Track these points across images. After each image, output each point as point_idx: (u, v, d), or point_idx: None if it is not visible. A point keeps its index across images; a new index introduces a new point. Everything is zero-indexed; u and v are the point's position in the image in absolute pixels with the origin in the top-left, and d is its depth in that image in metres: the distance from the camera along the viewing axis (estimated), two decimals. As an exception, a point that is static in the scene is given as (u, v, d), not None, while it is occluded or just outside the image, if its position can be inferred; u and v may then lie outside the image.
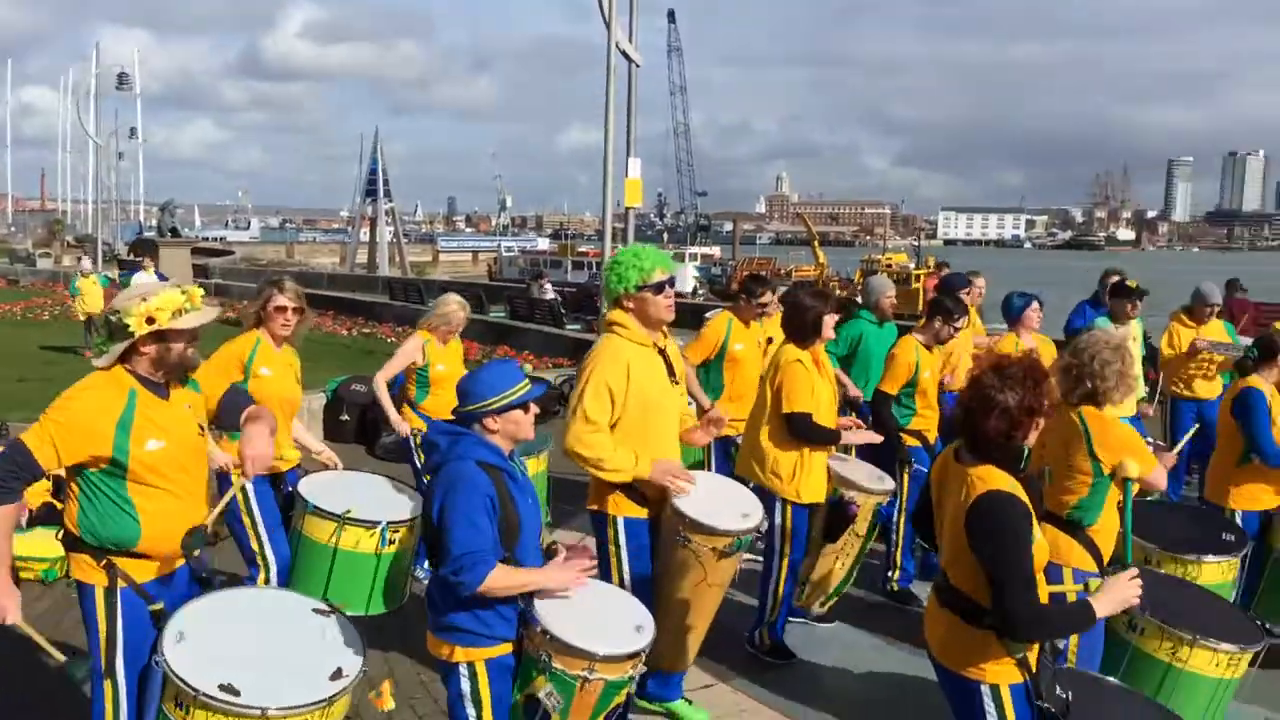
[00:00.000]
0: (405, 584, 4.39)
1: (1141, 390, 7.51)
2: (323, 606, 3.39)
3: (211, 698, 2.87)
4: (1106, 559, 4.02)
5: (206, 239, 78.23)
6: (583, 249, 60.87)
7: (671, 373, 4.30)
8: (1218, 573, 4.74)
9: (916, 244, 77.25)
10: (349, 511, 4.20)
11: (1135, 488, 4.01)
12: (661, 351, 4.27)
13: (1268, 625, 5.11)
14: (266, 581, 4.70)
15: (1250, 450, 5.26)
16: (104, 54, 55.40)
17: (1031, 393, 3.06)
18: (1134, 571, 3.16)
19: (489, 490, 3.19)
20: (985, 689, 3.09)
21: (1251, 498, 5.31)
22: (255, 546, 4.81)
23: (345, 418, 10.60)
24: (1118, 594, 3.10)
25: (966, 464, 3.11)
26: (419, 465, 6.29)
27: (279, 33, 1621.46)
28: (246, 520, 4.80)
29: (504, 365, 3.48)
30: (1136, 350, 7.23)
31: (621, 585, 4.11)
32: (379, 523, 4.18)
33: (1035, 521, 3.07)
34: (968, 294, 7.28)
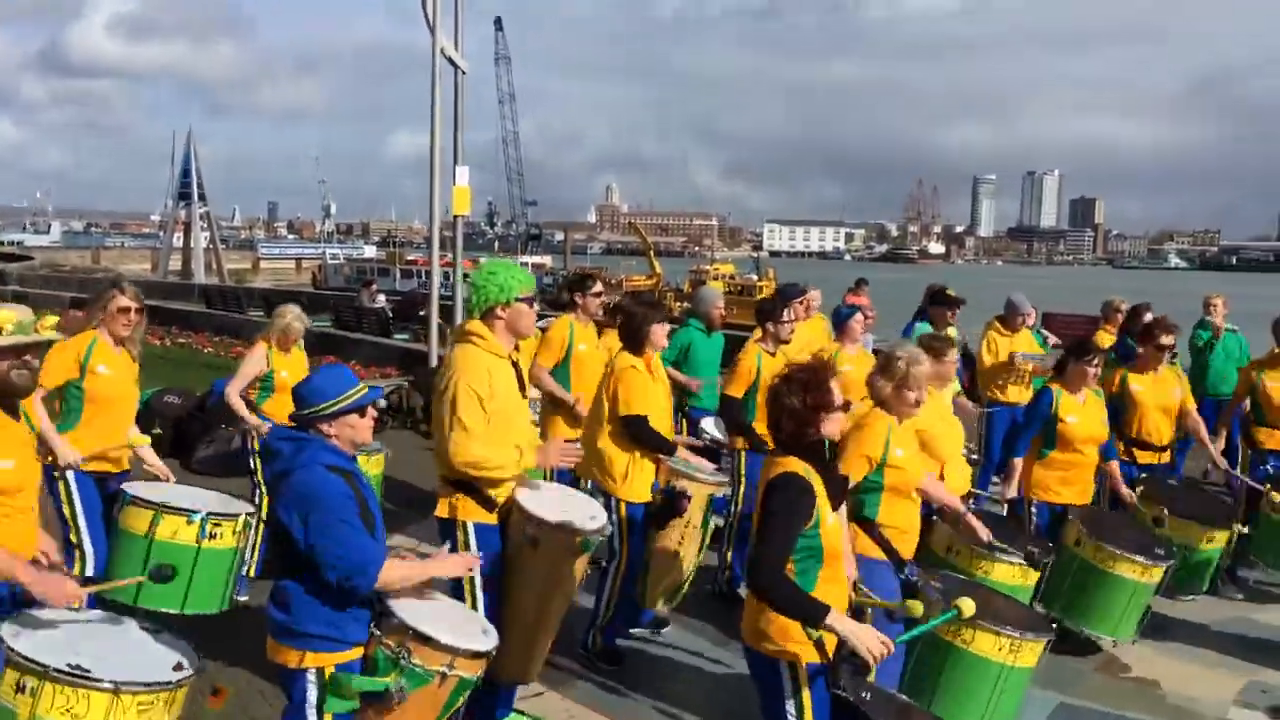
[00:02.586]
0: (226, 589, 4.34)
1: (956, 387, 7.97)
2: (148, 624, 3.36)
3: (62, 672, 2.85)
4: (908, 554, 4.26)
5: (1, 243, 72.86)
6: (411, 257, 59.64)
7: (522, 385, 4.36)
8: (1009, 574, 4.99)
9: (755, 257, 79.68)
10: (166, 501, 4.17)
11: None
12: (514, 364, 4.33)
13: (1051, 614, 5.50)
14: (82, 572, 4.58)
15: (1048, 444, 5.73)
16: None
17: (814, 394, 3.36)
18: (889, 643, 3.27)
19: (347, 491, 3.19)
20: (783, 665, 3.32)
21: (1045, 489, 5.76)
22: (74, 539, 4.72)
23: (158, 430, 10.06)
24: (863, 635, 3.21)
25: (777, 455, 3.44)
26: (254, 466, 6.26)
27: (84, 26, 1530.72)
28: (67, 511, 4.75)
29: (336, 370, 3.47)
30: (951, 355, 7.67)
31: (472, 592, 4.14)
32: (198, 512, 4.17)
33: (827, 509, 3.34)
34: (803, 303, 7.60)
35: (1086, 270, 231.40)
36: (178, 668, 3.09)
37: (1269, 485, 6.45)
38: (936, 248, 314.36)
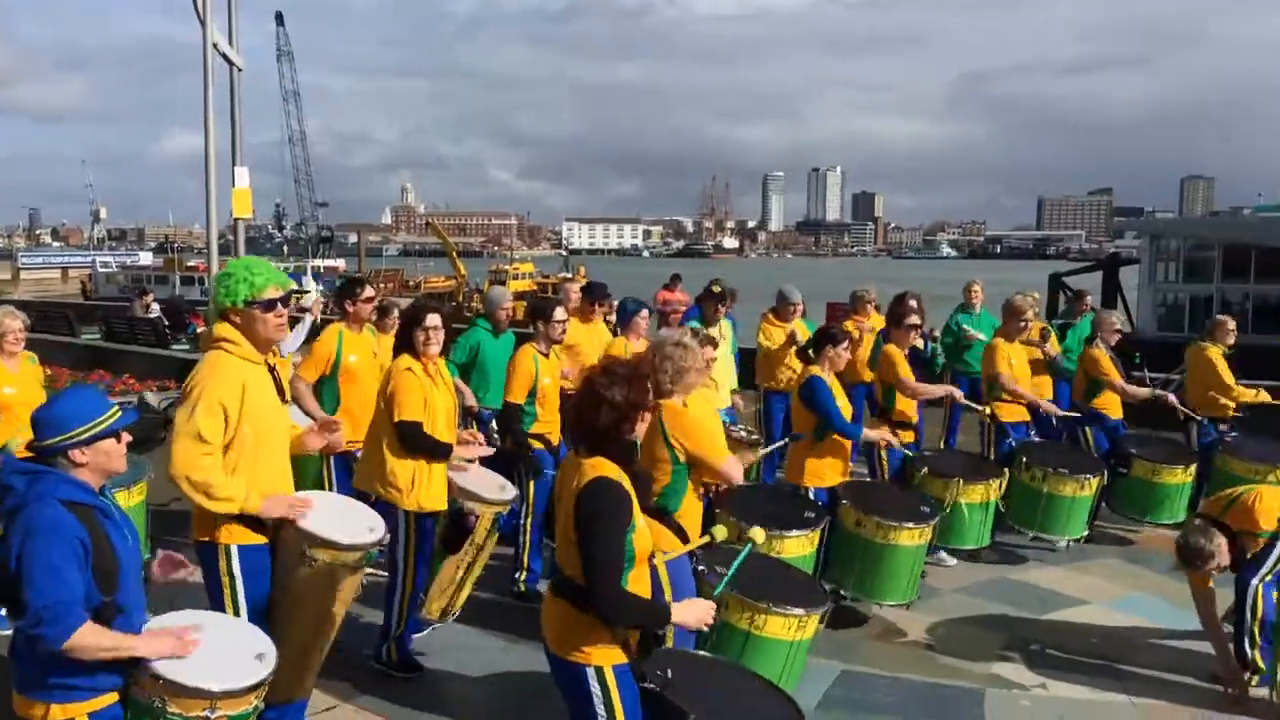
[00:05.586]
0: None
1: (733, 383, 8.26)
2: None
3: None
4: (694, 538, 4.40)
5: None
6: (192, 263, 56.60)
7: (281, 392, 4.09)
8: (799, 545, 5.37)
9: (564, 255, 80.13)
10: None
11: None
12: (271, 370, 4.05)
13: (840, 591, 5.85)
14: None
15: (823, 431, 5.94)
16: None
17: (635, 390, 3.31)
18: (712, 605, 3.45)
19: (79, 533, 2.92)
20: (590, 670, 3.26)
21: (819, 476, 6.00)
22: None
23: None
24: (695, 612, 3.38)
25: (583, 456, 3.33)
26: None
27: None
28: None
29: (87, 391, 3.23)
30: (725, 347, 7.96)
31: (236, 616, 3.87)
32: None
33: (638, 511, 3.32)
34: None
35: (869, 261, 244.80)
36: None
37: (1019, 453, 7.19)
38: (731, 242, 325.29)
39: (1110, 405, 7.99)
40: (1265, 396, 7.98)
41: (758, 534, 3.80)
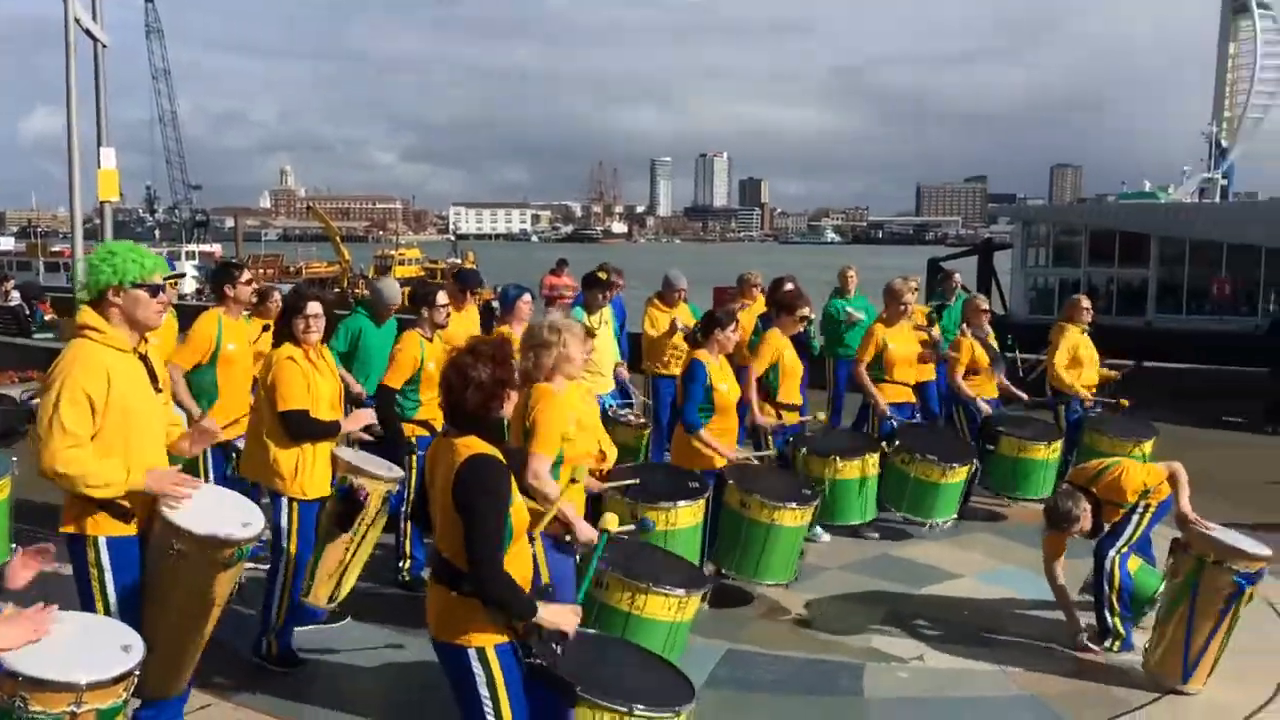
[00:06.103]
0: None
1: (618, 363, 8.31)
2: None
3: None
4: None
5: None
6: (57, 248, 54.13)
7: (154, 380, 3.93)
8: (690, 515, 5.49)
9: (453, 240, 79.22)
10: None
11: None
12: (143, 357, 3.89)
13: (724, 571, 5.95)
14: None
15: (708, 415, 6.00)
16: None
17: (501, 368, 3.34)
18: (578, 611, 3.42)
19: None
20: (472, 652, 3.26)
21: (705, 460, 6.01)
22: None
23: None
24: (563, 618, 3.34)
25: (453, 436, 3.33)
26: None
27: None
28: None
29: None
30: (609, 332, 7.96)
31: (107, 612, 3.73)
32: None
33: (515, 487, 3.34)
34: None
35: (756, 246, 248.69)
36: None
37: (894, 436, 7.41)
38: (619, 227, 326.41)
39: (985, 387, 8.28)
40: (1082, 391, 8.27)
41: (610, 521, 3.75)
